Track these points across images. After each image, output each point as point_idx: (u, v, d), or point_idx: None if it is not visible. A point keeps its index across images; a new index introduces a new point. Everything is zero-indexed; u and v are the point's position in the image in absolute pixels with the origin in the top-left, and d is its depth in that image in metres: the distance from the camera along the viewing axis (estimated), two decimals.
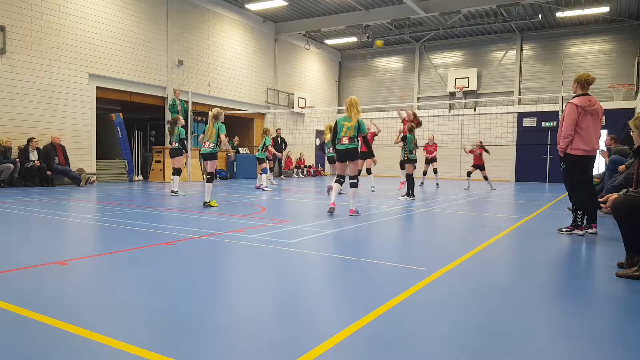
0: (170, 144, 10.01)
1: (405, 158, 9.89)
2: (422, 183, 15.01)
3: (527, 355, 2.16)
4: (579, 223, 5.54)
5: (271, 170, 14.46)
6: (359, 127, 6.88)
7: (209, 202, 7.74)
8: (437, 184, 14.86)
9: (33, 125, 11.79)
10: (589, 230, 5.59)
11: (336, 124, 7.14)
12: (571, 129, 5.30)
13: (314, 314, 2.69)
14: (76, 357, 2.03)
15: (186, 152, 9.76)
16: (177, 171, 9.52)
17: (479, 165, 14.03)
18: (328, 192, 7.73)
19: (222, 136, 7.99)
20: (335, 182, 7.21)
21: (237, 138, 18.92)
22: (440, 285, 3.30)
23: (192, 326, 2.38)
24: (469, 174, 14.04)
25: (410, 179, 9.86)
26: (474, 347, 2.22)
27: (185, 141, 9.70)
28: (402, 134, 10.31)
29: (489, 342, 2.29)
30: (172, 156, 9.79)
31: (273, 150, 13.26)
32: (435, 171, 14.88)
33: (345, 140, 6.88)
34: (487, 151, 13.99)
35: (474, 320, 2.61)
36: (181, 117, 10.20)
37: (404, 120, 11.36)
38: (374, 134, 12.51)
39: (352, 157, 6.97)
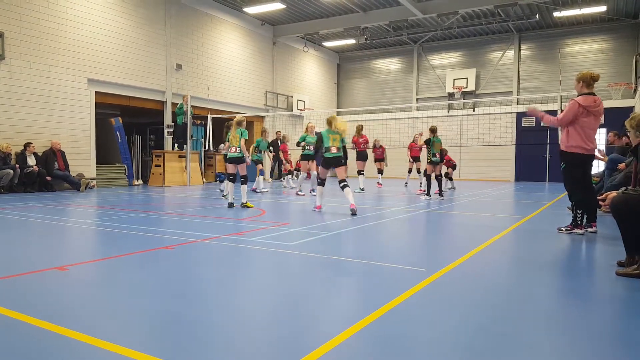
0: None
1: (429, 160, 10.47)
2: (406, 183, 15.35)
3: (528, 355, 2.16)
4: (579, 222, 5.54)
5: (288, 173, 14.64)
6: (342, 140, 7.89)
7: (245, 202, 8.14)
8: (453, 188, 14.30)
9: (32, 130, 11.80)
10: (589, 229, 5.60)
11: (321, 135, 7.83)
12: (566, 123, 5.37)
13: (314, 316, 2.69)
14: None
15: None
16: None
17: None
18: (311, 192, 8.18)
19: (242, 141, 8.19)
20: (318, 185, 7.87)
21: None
22: (441, 285, 3.30)
23: (193, 329, 2.38)
24: (446, 175, 13.48)
25: (429, 179, 10.47)
26: (475, 348, 2.22)
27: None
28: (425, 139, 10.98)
29: (490, 342, 2.29)
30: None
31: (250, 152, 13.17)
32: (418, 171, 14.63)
33: (333, 150, 7.69)
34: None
35: (475, 320, 2.61)
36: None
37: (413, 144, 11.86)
38: (366, 141, 13.07)
39: (338, 164, 7.80)
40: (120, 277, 3.53)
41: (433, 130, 10.66)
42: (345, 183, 7.67)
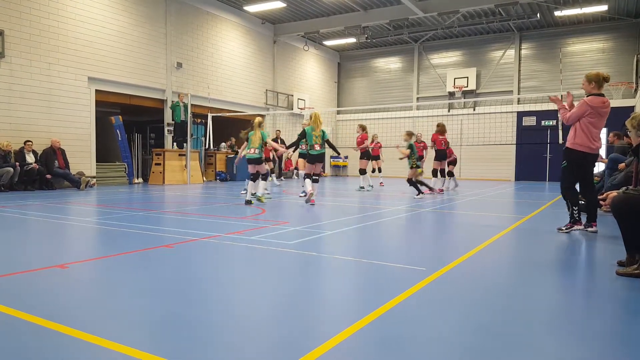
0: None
1: (414, 165, 10.37)
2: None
3: (528, 354, 2.15)
4: (577, 218, 5.55)
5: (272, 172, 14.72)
6: (323, 135, 8.66)
7: (260, 197, 8.79)
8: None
9: (33, 129, 11.80)
10: (589, 229, 5.59)
11: (305, 132, 8.66)
12: (571, 122, 5.41)
13: (314, 315, 2.69)
14: None
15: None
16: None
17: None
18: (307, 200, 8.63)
19: (269, 140, 8.94)
20: (307, 179, 8.58)
21: (233, 139, 18.95)
22: (441, 285, 3.30)
23: (192, 328, 2.38)
24: (450, 173, 13.20)
25: (412, 183, 10.42)
26: (475, 347, 2.22)
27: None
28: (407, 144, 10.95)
29: (490, 342, 2.29)
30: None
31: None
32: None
33: (317, 147, 8.54)
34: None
35: (475, 320, 2.60)
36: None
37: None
38: (365, 138, 12.77)
39: (321, 160, 8.78)
40: (120, 276, 3.53)
41: (410, 134, 10.50)
42: (317, 178, 8.68)
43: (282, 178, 18.19)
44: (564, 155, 5.59)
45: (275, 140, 14.79)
